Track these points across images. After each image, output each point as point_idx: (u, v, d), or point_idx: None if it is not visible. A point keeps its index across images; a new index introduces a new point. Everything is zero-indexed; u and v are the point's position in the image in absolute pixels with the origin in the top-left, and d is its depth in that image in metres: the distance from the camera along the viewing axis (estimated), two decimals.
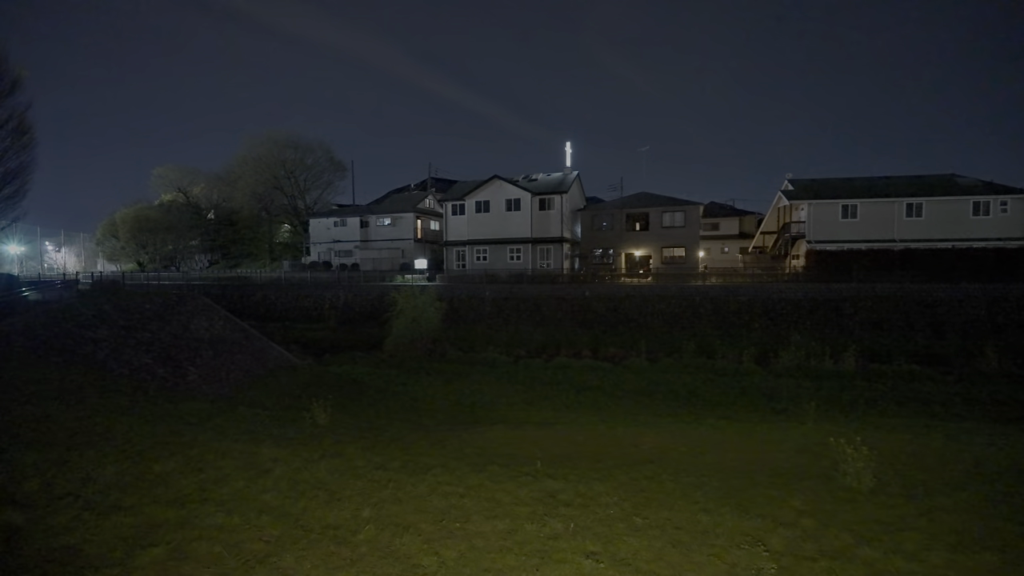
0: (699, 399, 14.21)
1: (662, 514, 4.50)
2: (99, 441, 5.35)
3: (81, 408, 7.11)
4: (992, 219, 28.20)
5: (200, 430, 6.82)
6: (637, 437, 8.93)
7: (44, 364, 10.28)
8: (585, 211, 35.00)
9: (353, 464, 5.66)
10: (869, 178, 32.00)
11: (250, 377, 17.08)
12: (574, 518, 4.12)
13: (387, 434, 9.22)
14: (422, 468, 5.81)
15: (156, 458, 4.91)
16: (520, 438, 8.86)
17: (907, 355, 20.31)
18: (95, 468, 4.33)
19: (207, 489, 4.12)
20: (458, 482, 5.15)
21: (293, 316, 33.11)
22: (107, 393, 8.70)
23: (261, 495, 4.11)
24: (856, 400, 14.01)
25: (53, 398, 7.39)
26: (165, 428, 6.55)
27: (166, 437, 6.04)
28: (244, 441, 6.28)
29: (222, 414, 8.90)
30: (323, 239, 41.74)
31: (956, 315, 24.75)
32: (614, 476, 6.07)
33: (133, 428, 6.29)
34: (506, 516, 4.06)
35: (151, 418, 7.23)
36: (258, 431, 7.45)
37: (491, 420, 11.35)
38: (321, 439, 7.36)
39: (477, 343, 25.75)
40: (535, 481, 5.39)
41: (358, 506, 4.01)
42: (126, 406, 7.89)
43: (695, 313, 26.92)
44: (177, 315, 18.91)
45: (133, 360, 13.76)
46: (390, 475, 5.28)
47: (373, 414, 11.76)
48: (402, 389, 15.65)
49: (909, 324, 24.94)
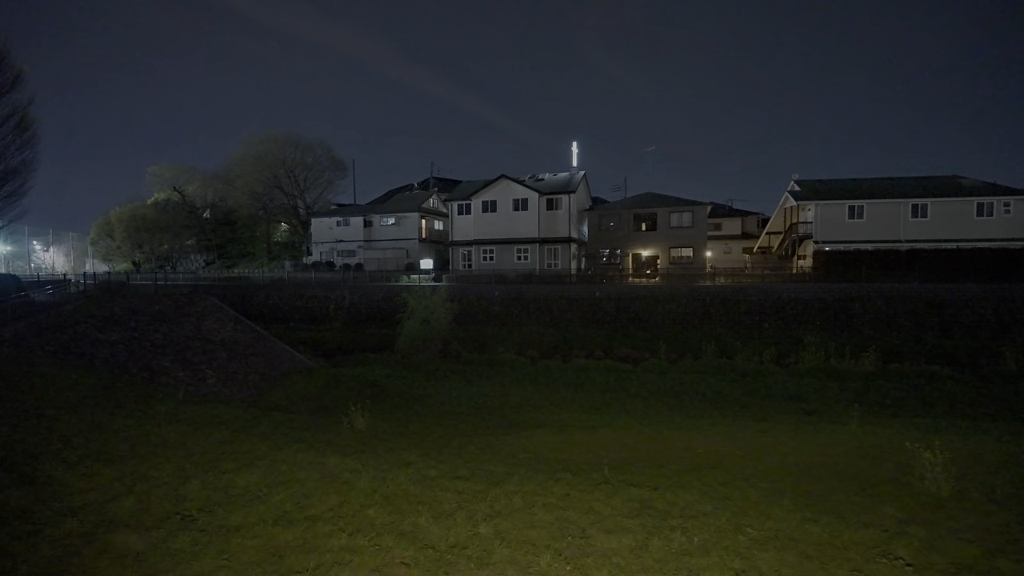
0: (727, 400, 14.14)
1: (768, 524, 4.36)
2: (163, 451, 5.11)
3: (125, 415, 6.85)
4: (995, 220, 28.49)
5: (251, 437, 6.58)
6: (686, 440, 8.81)
7: (69, 368, 9.96)
8: (592, 211, 34.91)
9: (426, 474, 5.46)
10: (875, 179, 32.23)
11: (266, 380, 16.79)
12: (688, 530, 3.96)
13: (430, 439, 9.03)
14: (495, 477, 5.63)
15: (231, 470, 4.69)
16: (569, 443, 8.70)
17: (919, 355, 20.44)
18: (179, 483, 4.10)
19: (305, 506, 3.91)
20: (544, 491, 4.97)
21: (297, 317, 32.68)
22: (142, 399, 8.42)
23: (364, 511, 3.91)
24: (883, 401, 14.02)
25: (93, 405, 7.12)
26: (217, 436, 6.31)
27: (223, 446, 5.81)
28: (303, 450, 6.06)
29: (260, 420, 8.65)
30: (325, 239, 41.28)
31: (964, 315, 24.92)
32: (689, 483, 5.93)
33: (187, 436, 6.04)
34: (621, 530, 3.89)
35: (196, 424, 6.98)
36: (306, 438, 7.23)
37: (526, 423, 11.17)
38: (374, 447, 7.16)
39: (488, 344, 25.56)
40: (619, 489, 5.23)
41: (469, 522, 3.83)
42: (165, 412, 7.63)
43: (706, 313, 26.91)
44: (187, 316, 18.55)
45: (152, 363, 13.42)
46: (470, 485, 5.09)
47: (404, 418, 11.54)
48: (424, 392, 15.42)
49: (918, 324, 25.08)
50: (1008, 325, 24.35)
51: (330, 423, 9.65)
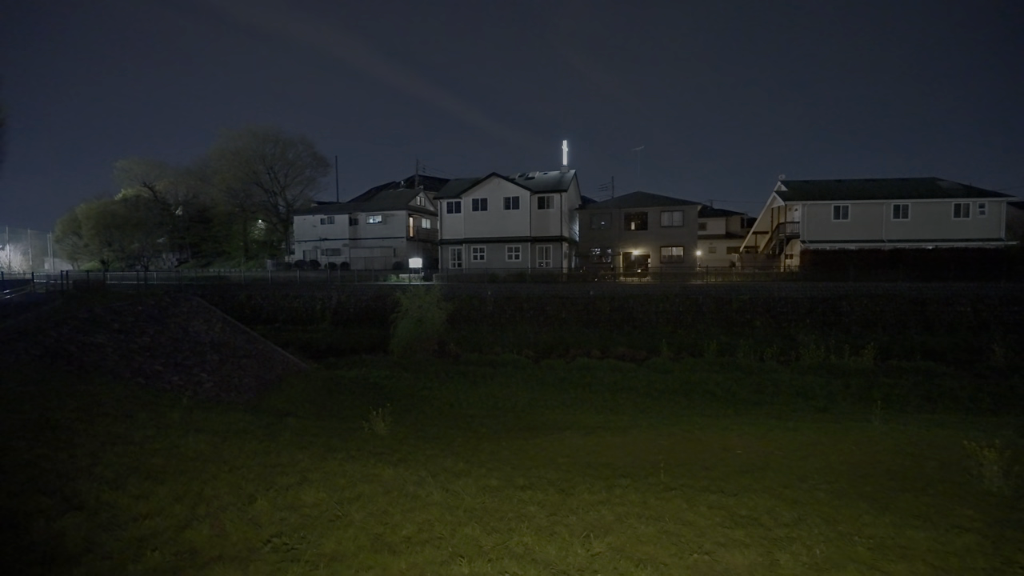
0: (737, 399, 14.15)
1: (867, 531, 4.18)
2: (204, 466, 4.63)
3: (139, 425, 6.29)
4: (971, 221, 29.60)
5: (285, 447, 6.12)
6: (720, 440, 8.66)
7: (61, 374, 9.20)
8: (583, 210, 34.84)
9: (487, 484, 5.12)
10: (858, 180, 33.11)
11: (261, 383, 16.08)
12: (799, 540, 3.75)
13: (458, 444, 8.66)
14: (559, 485, 5.33)
15: (289, 486, 4.26)
16: (602, 445, 8.45)
17: (907, 351, 20.98)
18: (244, 503, 3.66)
19: (393, 526, 3.52)
20: (620, 500, 4.69)
21: (282, 318, 31.64)
22: (148, 406, 7.81)
23: (460, 530, 3.55)
24: (888, 397, 14.23)
25: (101, 414, 6.53)
26: (249, 447, 5.83)
27: (262, 457, 5.34)
28: (347, 460, 5.63)
29: (277, 427, 8.14)
30: (309, 237, 40.12)
31: (945, 313, 25.76)
32: (752, 486, 5.74)
33: (219, 448, 5.55)
34: (736, 543, 3.65)
35: (218, 433, 6.47)
36: (337, 446, 6.79)
37: (546, 425, 10.89)
38: (411, 454, 6.78)
39: (484, 344, 25.19)
40: (694, 496, 5.00)
41: (576, 539, 3.51)
42: (179, 420, 7.07)
43: (698, 311, 27.13)
44: (173, 317, 17.64)
45: (144, 367, 12.62)
46: (540, 495, 4.77)
47: (419, 422, 11.11)
48: (430, 394, 14.98)
49: (902, 322, 25.81)
50: (986, 322, 25.27)
51: (348, 429, 9.19)
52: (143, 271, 48.58)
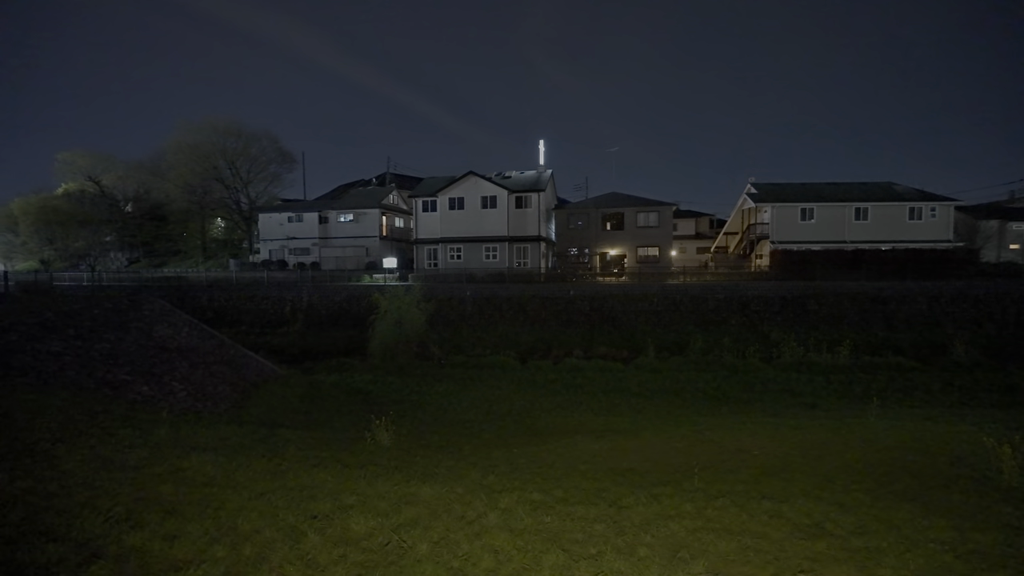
0: (729, 397, 14.32)
1: (933, 535, 4.12)
2: (220, 493, 4.09)
3: (126, 444, 5.62)
4: (924, 223, 31.40)
5: (300, 465, 5.59)
6: (732, 441, 8.63)
7: (19, 388, 8.23)
8: (561, 210, 34.84)
9: (531, 499, 4.80)
10: (822, 183, 34.55)
11: (237, 391, 15.10)
12: (884, 552, 3.62)
13: (467, 453, 8.27)
14: (607, 496, 5.08)
15: (328, 513, 3.80)
16: (618, 450, 8.26)
17: (871, 347, 21.88)
18: (291, 539, 3.18)
19: (465, 557, 3.14)
20: (674, 512, 4.47)
21: (248, 320, 30.12)
22: (126, 422, 7.04)
23: (543, 556, 3.21)
24: (867, 392, 14.76)
25: (79, 433, 5.81)
26: (258, 466, 5.28)
27: (279, 479, 4.82)
28: (374, 478, 5.19)
29: (277, 441, 7.54)
30: (275, 236, 38.40)
31: (903, 310, 27.18)
32: (790, 491, 5.66)
33: (226, 469, 4.99)
34: (830, 559, 3.48)
35: (215, 450, 5.87)
36: (349, 461, 6.30)
37: (552, 430, 10.63)
38: (429, 466, 6.38)
39: (465, 345, 24.75)
40: (747, 503, 4.84)
41: (668, 560, 3.24)
42: (167, 437, 6.40)
43: (676, 310, 27.58)
44: (135, 321, 16.40)
45: (109, 377, 11.54)
46: (592, 510, 4.49)
47: (417, 430, 10.62)
48: (420, 399, 14.46)
49: (865, 318, 27.06)
50: (940, 318, 26.82)
51: (347, 440, 8.64)
52: (89, 271, 45.26)
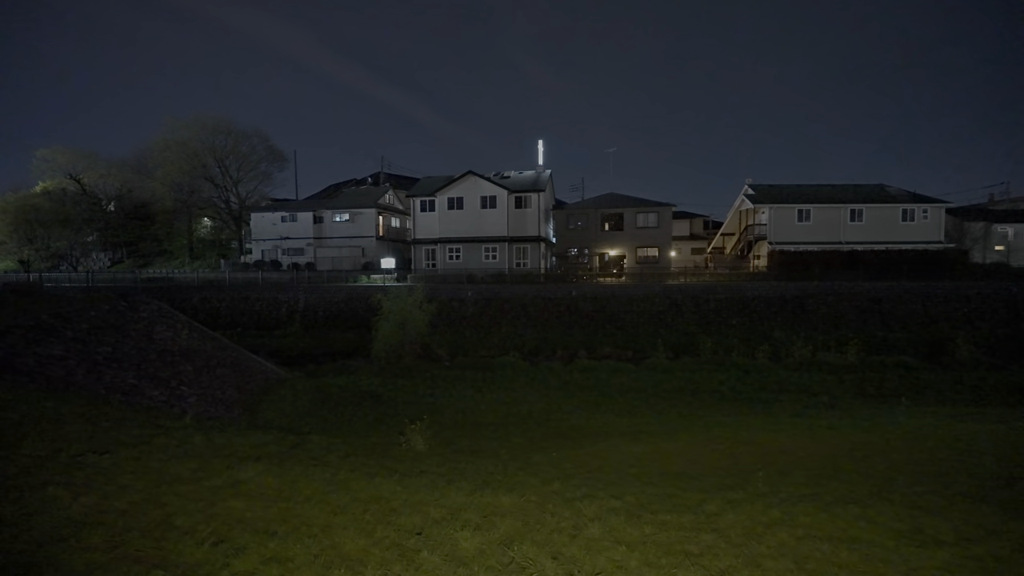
0: (745, 397, 14.29)
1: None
2: (303, 508, 3.81)
3: (171, 455, 5.29)
4: (917, 225, 32.02)
5: (350, 475, 5.31)
6: (774, 442, 8.53)
7: (34, 394, 7.76)
8: (560, 211, 34.73)
9: (611, 505, 4.61)
10: (817, 185, 35.04)
11: (245, 394, 14.64)
12: (1009, 563, 3.51)
13: (503, 457, 8.03)
14: (676, 502, 4.91)
15: (423, 528, 3.55)
16: (660, 453, 8.11)
17: (871, 347, 22.08)
18: (405, 560, 2.92)
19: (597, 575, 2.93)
20: (765, 519, 4.32)
21: (244, 322, 29.40)
22: (160, 430, 6.68)
23: (677, 572, 3.01)
24: (880, 391, 14.89)
25: (121, 443, 5.46)
26: (319, 476, 5.00)
27: (345, 492, 4.54)
28: (438, 487, 4.94)
29: (314, 448, 7.20)
30: (269, 236, 37.60)
31: (898, 309, 27.61)
32: (857, 493, 5.55)
33: (290, 481, 4.70)
34: (958, 570, 3.35)
35: (264, 460, 5.57)
36: (402, 469, 6.04)
37: (580, 432, 10.44)
38: (492, 475, 6.14)
39: (468, 346, 24.48)
40: (829, 507, 4.71)
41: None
42: (204, 445, 6.08)
43: (678, 311, 27.64)
44: (133, 323, 15.82)
45: (117, 381, 11.05)
46: (682, 518, 4.31)
47: (445, 434, 10.33)
48: (435, 402, 14.16)
49: (862, 318, 27.43)
50: (934, 318, 27.32)
51: (381, 446, 8.35)
52: (71, 271, 43.81)
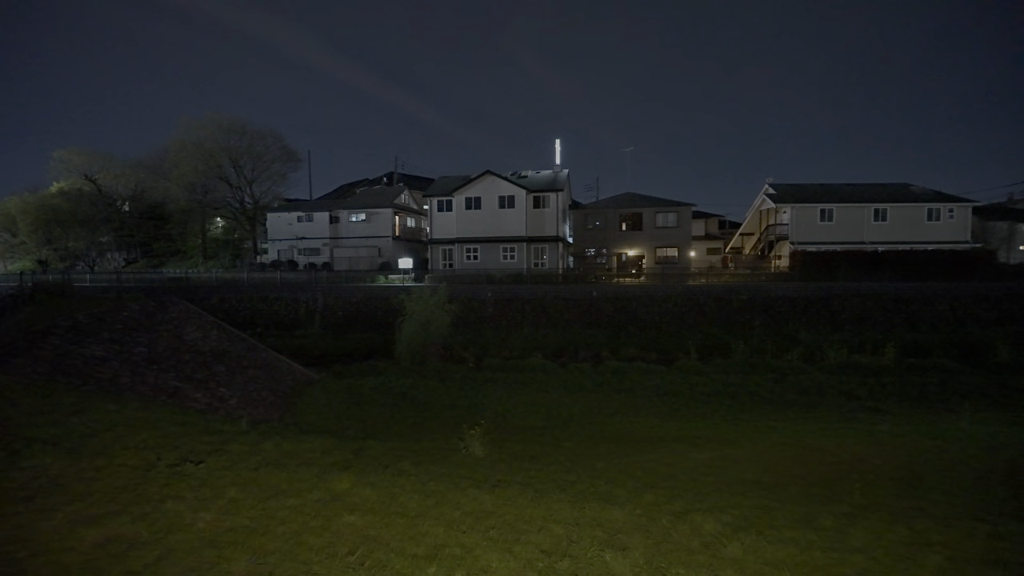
0: (788, 401, 13.98)
1: None
2: (418, 525, 3.61)
3: (258, 467, 5.12)
4: (942, 224, 31.50)
5: (441, 485, 5.12)
6: (843, 451, 8.26)
7: (87, 396, 7.61)
8: (578, 210, 34.47)
9: (722, 519, 4.38)
10: (839, 184, 34.57)
11: (278, 396, 14.52)
12: None
13: (564, 463, 7.81)
14: (785, 516, 4.67)
15: (566, 547, 3.34)
16: (728, 459, 7.85)
17: (903, 349, 21.65)
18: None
19: None
20: (895, 537, 4.08)
21: (262, 322, 29.33)
22: (231, 436, 6.51)
23: None
24: (924, 394, 14.55)
25: (202, 451, 5.30)
26: (409, 487, 4.80)
27: (450, 505, 4.34)
28: (538, 499, 4.73)
29: (377, 455, 7.02)
30: (284, 236, 37.57)
31: (926, 311, 27.14)
32: (967, 508, 5.29)
33: (380, 491, 4.50)
34: None
35: (345, 469, 5.38)
36: (480, 477, 5.83)
37: (627, 437, 10.19)
38: (573, 484, 5.93)
39: (490, 347, 24.26)
40: (956, 523, 4.46)
41: None
42: (279, 453, 5.90)
43: (700, 312, 27.31)
44: (163, 324, 15.73)
45: (160, 383, 10.93)
46: (803, 535, 4.09)
47: (488, 436, 10.13)
48: (470, 403, 13.96)
49: (889, 319, 26.98)
50: (963, 320, 26.82)
51: (436, 450, 8.13)
52: (88, 271, 43.98)
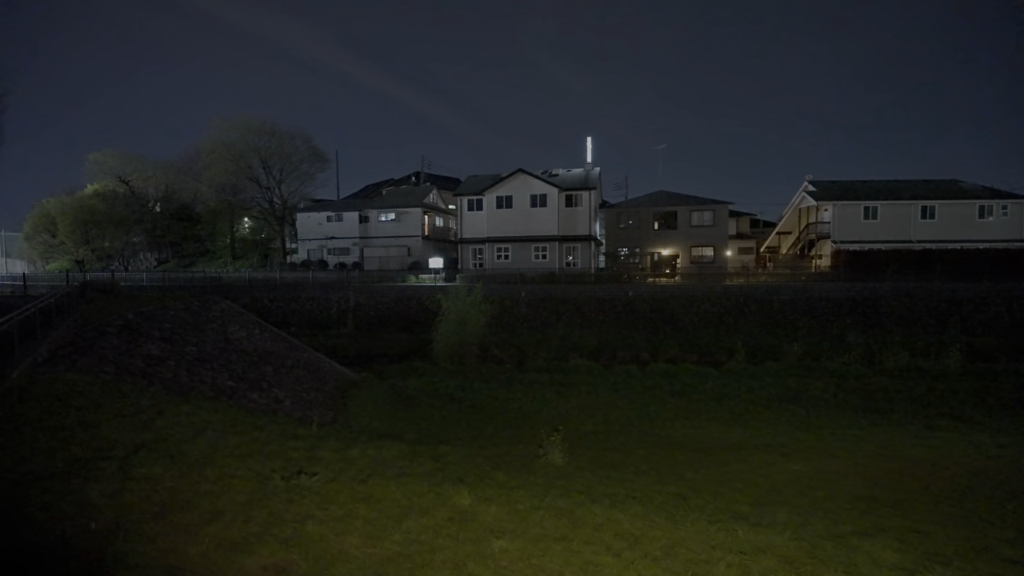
0: (855, 407, 13.26)
1: None
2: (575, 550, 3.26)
3: (361, 479, 4.83)
4: (995, 222, 30.07)
5: (545, 499, 4.75)
6: (957, 465, 7.67)
7: (157, 397, 7.45)
8: (610, 209, 33.90)
9: (890, 542, 3.92)
10: (883, 181, 33.29)
11: (326, 396, 14.34)
12: None
13: (647, 472, 7.38)
14: (941, 541, 4.19)
15: (717, 567, 2.96)
16: (824, 471, 7.33)
17: (954, 352, 20.38)
18: None
19: None
20: None
21: (295, 321, 29.41)
22: (316, 443, 6.25)
23: None
24: (1003, 402, 13.71)
25: (295, 459, 5.02)
26: (533, 504, 4.44)
27: (589, 528, 3.97)
28: (666, 516, 4.32)
29: (455, 461, 6.68)
30: (314, 235, 37.78)
31: (980, 312, 25.83)
32: None
33: (505, 509, 4.16)
34: None
35: (436, 481, 5.05)
36: (580, 488, 5.45)
37: (691, 443, 9.69)
38: (687, 497, 5.51)
39: (526, 348, 23.86)
40: None
41: None
42: (365, 462, 5.61)
43: (740, 312, 26.50)
44: (208, 323, 15.77)
45: (217, 383, 10.81)
46: (1000, 570, 3.61)
47: None
48: (521, 407, 13.60)
49: (940, 321, 25.75)
50: (1020, 322, 25.47)
51: (514, 457, 7.77)
52: (122, 270, 44.97)
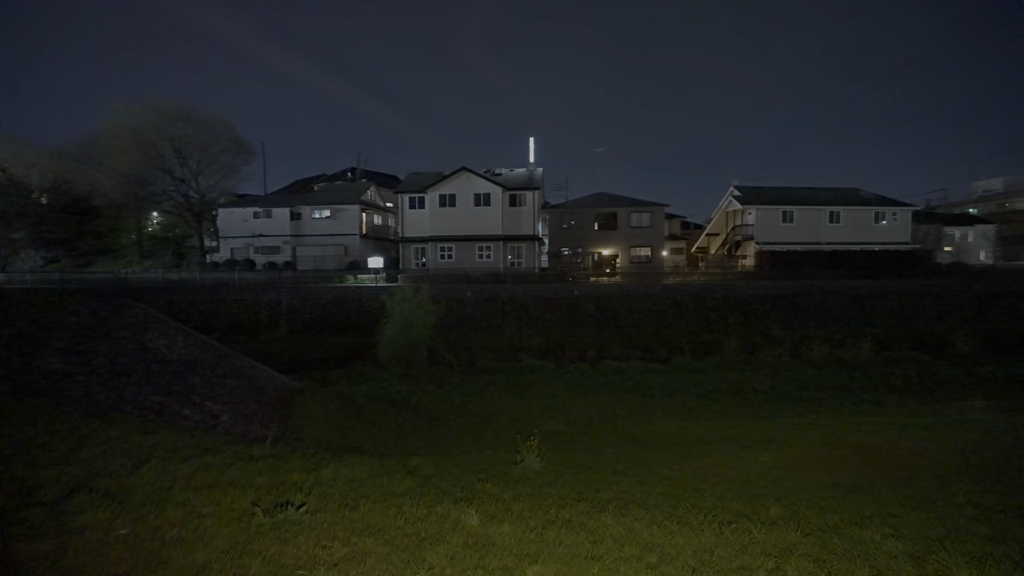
0: (792, 397, 14.24)
1: None
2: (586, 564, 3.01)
3: (351, 505, 4.32)
4: (887, 226, 33.94)
5: (549, 512, 4.51)
6: (896, 448, 8.32)
7: (66, 418, 6.31)
8: (554, 209, 34.27)
9: (892, 534, 4.07)
10: (799, 187, 36.45)
11: (265, 407, 13.11)
12: None
13: (628, 473, 7.36)
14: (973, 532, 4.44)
15: None
16: (789, 463, 7.69)
17: (869, 343, 22.86)
18: None
19: None
20: None
21: (219, 326, 26.96)
22: (268, 464, 5.56)
23: None
24: (908, 386, 15.35)
25: (261, 486, 4.43)
26: (545, 519, 4.16)
27: (612, 546, 3.76)
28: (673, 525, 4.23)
29: (438, 474, 6.26)
30: (239, 232, 34.83)
31: (879, 306, 29.02)
32: None
33: (516, 530, 3.85)
34: None
35: (460, 501, 4.66)
36: (602, 497, 5.27)
37: (656, 439, 9.87)
38: (683, 496, 5.48)
39: (475, 349, 23.55)
40: None
41: None
42: (338, 482, 5.09)
43: (678, 310, 27.83)
44: (120, 330, 13.94)
45: (140, 399, 9.47)
46: None
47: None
48: (479, 410, 13.24)
49: (848, 315, 28.62)
50: (910, 315, 28.90)
51: (486, 464, 7.45)
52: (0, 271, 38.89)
